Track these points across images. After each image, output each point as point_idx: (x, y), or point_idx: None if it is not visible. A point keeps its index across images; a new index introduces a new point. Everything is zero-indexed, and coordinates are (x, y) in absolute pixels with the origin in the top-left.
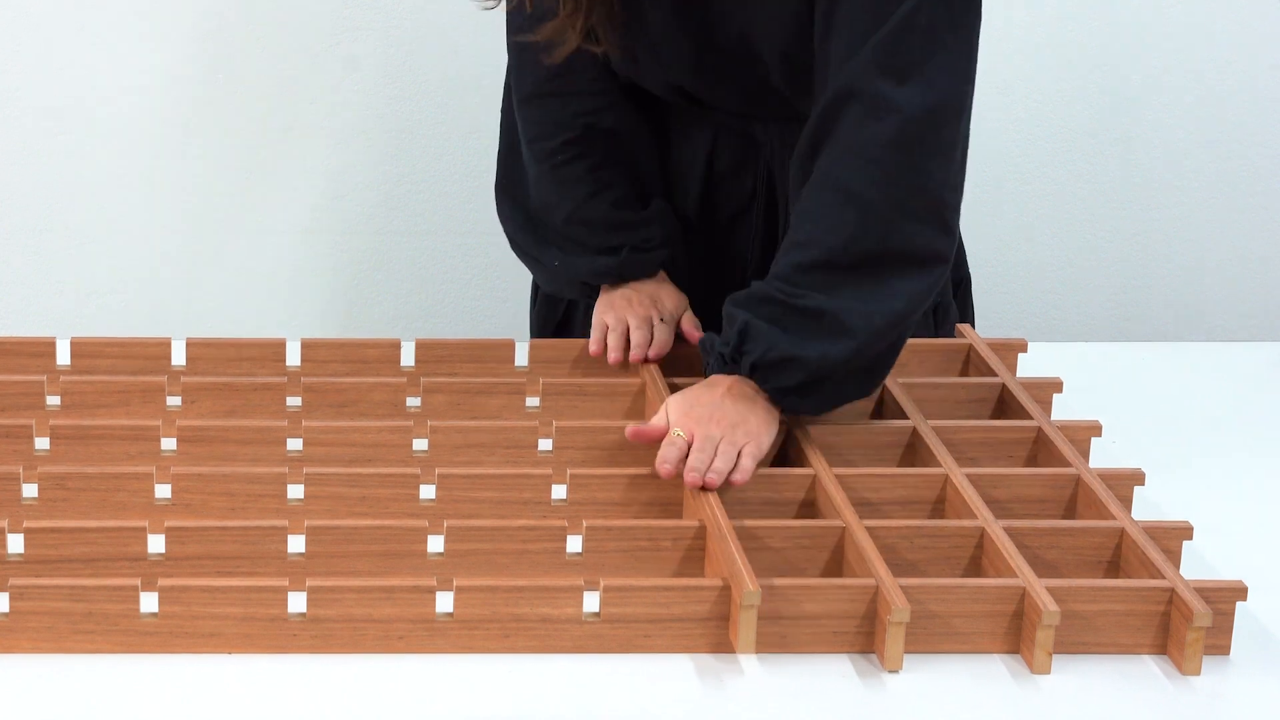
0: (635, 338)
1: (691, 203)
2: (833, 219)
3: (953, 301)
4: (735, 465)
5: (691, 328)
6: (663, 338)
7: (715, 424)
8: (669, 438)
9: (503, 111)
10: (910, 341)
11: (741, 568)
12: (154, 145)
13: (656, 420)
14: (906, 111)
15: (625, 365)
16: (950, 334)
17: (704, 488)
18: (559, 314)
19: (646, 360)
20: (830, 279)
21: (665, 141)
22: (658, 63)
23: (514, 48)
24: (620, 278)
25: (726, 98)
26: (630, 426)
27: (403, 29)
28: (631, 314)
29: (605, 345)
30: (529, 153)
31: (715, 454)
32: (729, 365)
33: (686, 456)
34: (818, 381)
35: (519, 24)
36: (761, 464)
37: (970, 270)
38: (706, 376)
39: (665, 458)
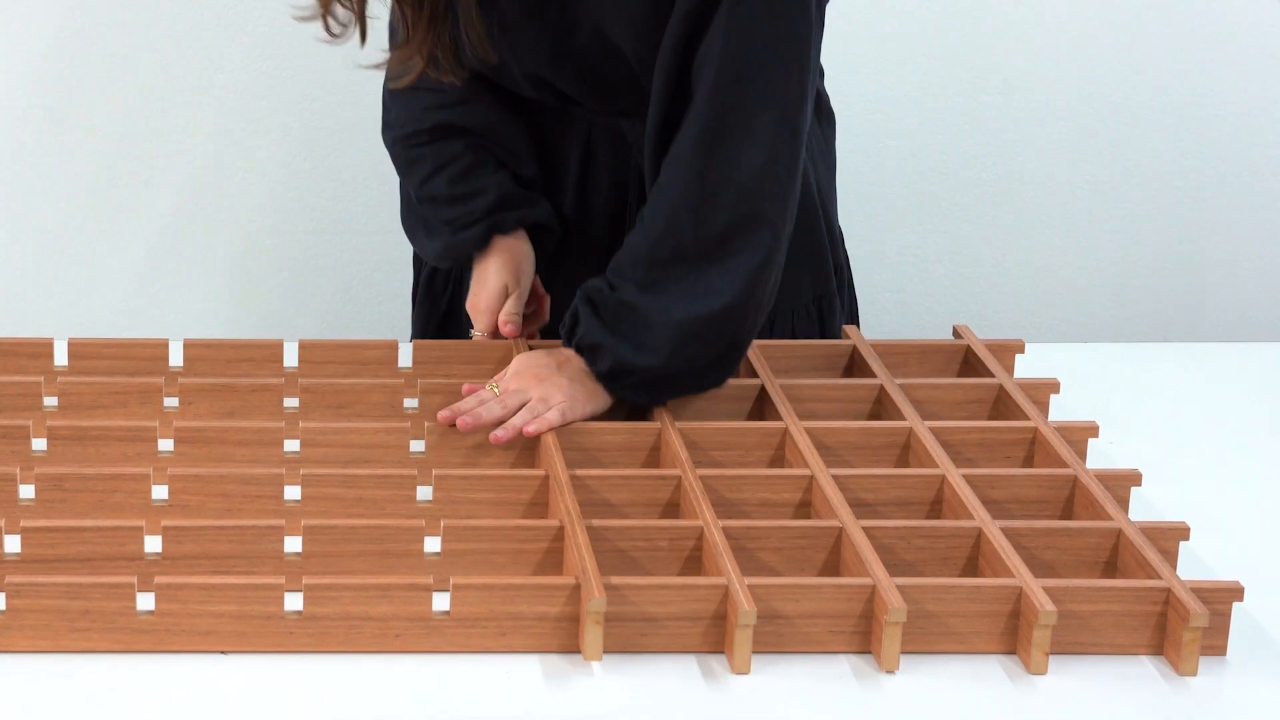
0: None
1: (568, 204)
2: (650, 214)
3: (835, 292)
4: (536, 415)
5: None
6: (511, 309)
7: (535, 380)
8: (481, 391)
9: None
10: (908, 341)
11: (739, 587)
12: (152, 145)
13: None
14: (707, 109)
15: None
16: (837, 329)
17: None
18: (441, 309)
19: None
20: (650, 274)
21: (540, 144)
22: (516, 60)
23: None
24: (453, 259)
25: (591, 94)
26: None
27: None
28: (482, 307)
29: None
30: (386, 138)
31: (517, 408)
32: (567, 344)
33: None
34: (626, 373)
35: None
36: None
37: (969, 270)
38: None
39: (459, 407)
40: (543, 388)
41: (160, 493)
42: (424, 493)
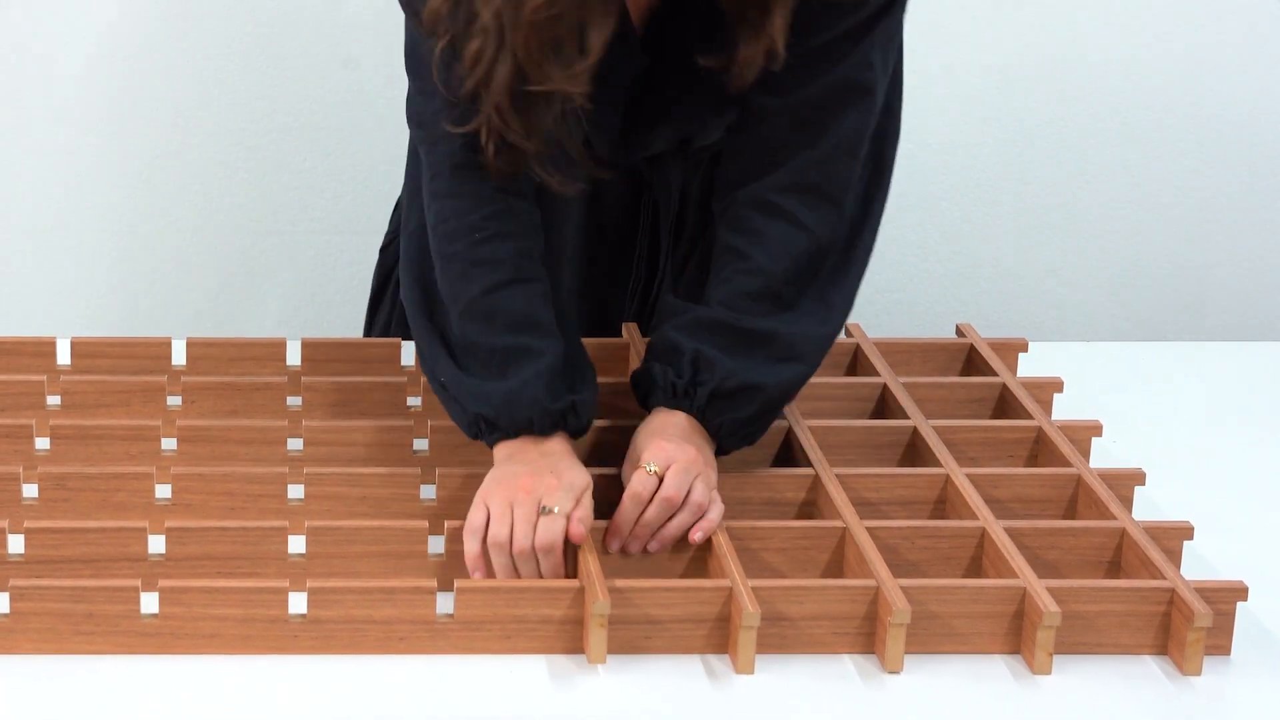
0: (518, 543)
1: (573, 236)
2: (783, 249)
3: None
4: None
5: (579, 527)
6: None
7: (689, 459)
8: (641, 475)
9: (408, 176)
10: (911, 340)
11: (742, 588)
12: (154, 145)
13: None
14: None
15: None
16: None
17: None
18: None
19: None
20: (777, 304)
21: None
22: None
23: (427, 122)
24: (507, 418)
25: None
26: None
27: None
28: (520, 501)
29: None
30: (444, 238)
31: (690, 490)
32: (679, 400)
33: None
34: (767, 413)
35: (434, 109)
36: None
37: (969, 270)
38: (648, 408)
39: (623, 525)
40: (697, 465)
41: (163, 492)
42: (427, 491)
